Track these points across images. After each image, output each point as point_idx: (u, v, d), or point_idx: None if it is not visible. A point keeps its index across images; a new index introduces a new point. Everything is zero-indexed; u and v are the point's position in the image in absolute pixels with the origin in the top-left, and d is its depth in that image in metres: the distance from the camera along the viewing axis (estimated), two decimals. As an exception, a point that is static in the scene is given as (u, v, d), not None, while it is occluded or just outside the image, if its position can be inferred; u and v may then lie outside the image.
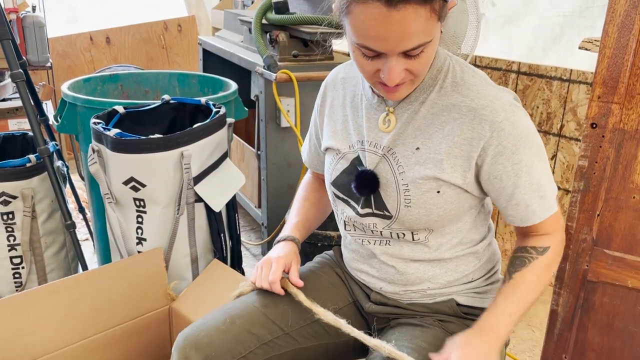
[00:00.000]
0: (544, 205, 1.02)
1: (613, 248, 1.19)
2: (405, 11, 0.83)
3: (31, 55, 2.83)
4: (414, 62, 0.91)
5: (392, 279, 1.12)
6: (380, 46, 0.88)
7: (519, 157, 0.98)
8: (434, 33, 0.89)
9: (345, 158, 1.12)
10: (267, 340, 1.10)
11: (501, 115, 0.96)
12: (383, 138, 1.06)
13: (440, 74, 1.02)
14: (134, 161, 1.49)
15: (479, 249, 1.12)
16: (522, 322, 2.12)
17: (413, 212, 1.03)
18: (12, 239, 1.76)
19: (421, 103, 1.02)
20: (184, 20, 3.99)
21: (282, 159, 2.34)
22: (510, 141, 0.97)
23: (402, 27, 0.85)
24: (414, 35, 0.86)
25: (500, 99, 0.98)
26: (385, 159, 1.05)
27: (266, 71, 2.16)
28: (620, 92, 1.11)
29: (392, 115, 1.05)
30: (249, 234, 2.78)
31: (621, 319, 1.20)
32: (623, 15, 1.07)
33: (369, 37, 0.88)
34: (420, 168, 1.01)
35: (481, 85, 1.00)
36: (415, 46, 0.88)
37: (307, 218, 1.26)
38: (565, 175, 2.23)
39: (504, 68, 2.35)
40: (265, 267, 1.14)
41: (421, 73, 0.95)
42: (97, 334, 1.46)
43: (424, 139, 1.02)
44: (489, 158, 0.98)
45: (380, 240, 1.11)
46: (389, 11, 0.83)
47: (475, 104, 0.98)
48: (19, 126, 2.78)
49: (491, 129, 0.96)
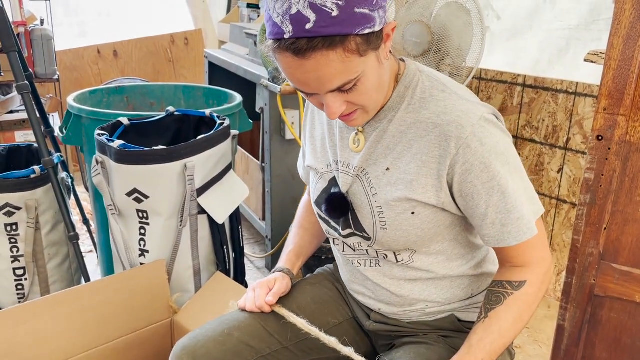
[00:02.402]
0: (521, 227, 0.95)
1: (620, 262, 1.17)
2: (315, 59, 0.82)
3: (39, 68, 2.85)
4: (352, 95, 0.89)
5: (388, 300, 1.10)
6: (307, 89, 0.89)
7: (490, 176, 0.92)
8: (361, 68, 0.86)
9: (324, 178, 1.10)
10: (264, 353, 1.09)
11: (467, 131, 0.91)
12: (354, 158, 1.04)
13: (408, 90, 0.98)
14: (138, 172, 1.49)
15: (474, 264, 1.09)
16: (528, 337, 2.09)
17: (390, 234, 1.00)
18: (15, 250, 1.76)
19: (389, 121, 0.99)
20: (190, 34, 4.02)
21: (286, 172, 2.34)
22: (478, 159, 0.91)
23: (317, 73, 0.84)
24: (331, 78, 0.85)
25: (469, 114, 0.93)
26: (358, 180, 1.03)
27: (271, 84, 2.16)
28: (627, 104, 1.10)
29: (361, 135, 1.02)
30: (253, 247, 2.77)
31: (629, 335, 1.18)
32: (628, 27, 1.07)
33: (294, 82, 0.89)
34: (392, 189, 0.99)
35: (449, 100, 0.95)
36: (339, 86, 0.86)
37: (301, 246, 1.25)
38: (572, 189, 2.21)
39: (509, 81, 2.34)
40: (249, 292, 1.15)
41: (365, 103, 0.92)
42: (99, 346, 1.45)
43: (393, 159, 0.99)
44: (457, 176, 0.93)
45: (370, 260, 1.09)
46: (299, 60, 0.83)
47: (441, 120, 0.94)
48: (26, 138, 2.79)
49: (457, 146, 0.92)
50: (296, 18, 0.80)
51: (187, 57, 4.04)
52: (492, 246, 0.99)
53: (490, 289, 1.01)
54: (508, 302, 0.97)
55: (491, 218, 0.95)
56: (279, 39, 0.83)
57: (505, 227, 0.95)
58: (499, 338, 0.96)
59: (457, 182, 0.94)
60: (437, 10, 1.78)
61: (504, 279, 1.00)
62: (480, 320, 0.98)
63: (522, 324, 0.98)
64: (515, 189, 0.94)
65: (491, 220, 0.95)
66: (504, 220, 0.95)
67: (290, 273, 1.20)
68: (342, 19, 0.80)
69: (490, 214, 0.95)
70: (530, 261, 0.99)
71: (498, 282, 1.01)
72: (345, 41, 0.82)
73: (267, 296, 1.12)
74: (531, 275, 0.99)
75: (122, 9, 4.03)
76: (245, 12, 3.36)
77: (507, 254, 1.00)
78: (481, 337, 0.96)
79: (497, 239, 0.97)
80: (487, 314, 0.98)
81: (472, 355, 0.95)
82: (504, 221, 0.95)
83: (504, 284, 0.99)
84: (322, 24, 0.80)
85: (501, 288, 0.99)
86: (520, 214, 0.95)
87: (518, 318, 0.97)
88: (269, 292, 1.13)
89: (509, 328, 0.97)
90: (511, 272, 1.00)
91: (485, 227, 0.97)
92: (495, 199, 0.93)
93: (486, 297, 1.01)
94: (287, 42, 0.82)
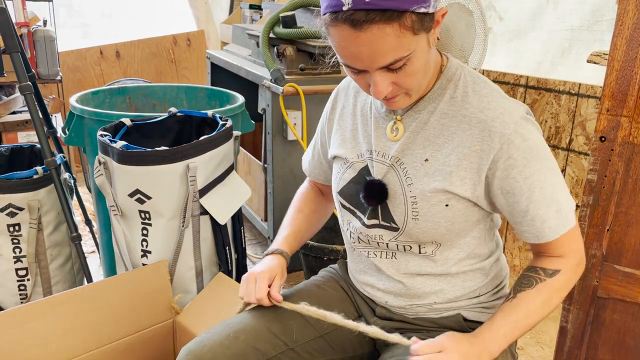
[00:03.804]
0: (560, 219, 0.98)
1: (623, 264, 1.17)
2: (370, 31, 0.83)
3: (41, 69, 2.85)
4: (400, 75, 0.91)
5: (398, 292, 1.10)
6: (358, 64, 0.90)
7: (531, 171, 0.95)
8: (413, 46, 0.87)
9: (353, 167, 1.10)
10: (271, 355, 1.09)
11: (511, 128, 0.94)
12: (391, 147, 1.05)
13: (450, 83, 1.01)
14: (140, 173, 1.49)
15: (487, 264, 1.10)
16: (531, 339, 2.09)
17: (421, 225, 1.01)
18: (17, 251, 1.76)
19: (430, 112, 1.01)
20: (193, 35, 4.02)
21: (288, 172, 2.34)
22: (521, 154, 0.95)
23: (371, 47, 0.85)
24: (385, 53, 0.86)
25: (511, 111, 0.96)
26: (393, 170, 1.04)
27: (273, 85, 2.17)
28: (630, 105, 1.09)
29: (399, 124, 1.04)
30: (255, 247, 2.77)
31: (632, 337, 1.18)
32: (631, 28, 1.06)
33: (346, 56, 0.90)
34: (429, 180, 1.00)
35: (492, 97, 0.98)
36: (390, 62, 0.88)
37: (300, 230, 1.25)
38: (574, 190, 2.20)
39: (512, 82, 2.34)
40: (251, 282, 1.13)
41: (411, 85, 0.94)
42: (101, 347, 1.45)
43: (432, 150, 1.00)
44: (500, 172, 0.96)
45: (387, 253, 1.09)
46: (356, 32, 0.84)
47: (485, 116, 0.96)
48: (29, 139, 2.79)
49: (501, 142, 0.95)
50: None
51: (190, 58, 4.05)
52: (531, 242, 1.02)
53: (523, 273, 1.03)
54: (539, 287, 1.00)
55: (532, 214, 0.98)
56: (336, 10, 0.84)
57: (546, 222, 0.98)
58: (524, 318, 0.98)
59: (498, 178, 0.96)
60: (439, 11, 1.77)
61: (538, 265, 1.03)
62: (507, 300, 1.00)
63: (549, 308, 1.00)
64: (554, 183, 0.97)
65: (532, 216, 0.98)
66: (544, 216, 0.98)
67: (288, 257, 1.19)
68: None
69: (531, 209, 0.97)
70: (565, 253, 1.02)
71: (532, 267, 1.03)
72: (401, 17, 0.83)
73: (273, 291, 1.10)
74: (565, 265, 1.01)
75: (124, 10, 4.04)
76: (248, 13, 3.37)
77: (544, 248, 1.02)
78: (507, 313, 0.98)
79: (536, 235, 1.00)
80: (516, 294, 1.00)
81: (495, 327, 0.97)
82: (544, 216, 0.98)
83: (538, 270, 1.02)
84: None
85: (534, 273, 1.02)
86: (559, 207, 0.98)
87: (546, 302, 0.99)
88: (269, 284, 1.12)
89: (535, 310, 0.98)
90: (547, 261, 1.03)
91: (525, 224, 1.00)
92: (536, 194, 0.96)
93: (517, 280, 1.03)
94: (345, 13, 0.83)
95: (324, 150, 1.23)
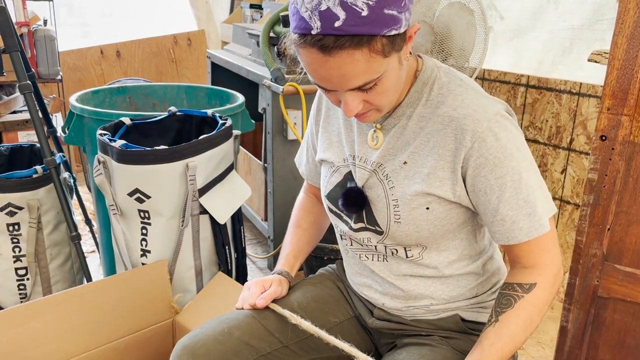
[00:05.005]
0: (532, 223, 0.95)
1: (624, 263, 1.16)
2: (340, 57, 0.83)
3: (42, 68, 2.85)
4: (370, 94, 0.90)
5: (394, 294, 1.10)
6: (328, 85, 0.89)
7: (503, 171, 0.93)
8: (383, 68, 0.87)
9: (339, 172, 1.10)
10: (265, 352, 1.09)
11: (483, 125, 0.92)
12: (372, 154, 1.04)
13: (426, 86, 0.99)
14: (139, 172, 1.48)
15: (480, 264, 1.09)
16: (531, 339, 2.08)
17: (403, 228, 1.01)
18: (17, 250, 1.76)
19: (408, 117, 1.00)
20: (193, 35, 4.02)
21: (288, 172, 2.34)
22: (492, 153, 0.92)
23: (341, 71, 0.85)
24: (354, 77, 0.86)
25: (486, 109, 0.94)
26: (375, 174, 1.04)
27: (273, 84, 2.16)
28: (630, 104, 1.09)
29: (379, 132, 1.03)
30: (255, 247, 2.77)
31: (633, 337, 1.18)
32: (632, 26, 1.06)
33: (316, 77, 0.90)
34: (409, 182, 0.99)
35: (466, 95, 0.96)
36: (360, 85, 0.87)
37: (299, 247, 1.25)
38: (575, 189, 2.20)
39: (512, 81, 2.33)
40: (244, 291, 1.16)
41: (382, 103, 0.93)
42: (101, 346, 1.45)
43: (410, 153, 1.00)
44: (471, 170, 0.94)
45: (377, 256, 1.09)
46: (324, 57, 0.83)
47: (458, 114, 0.95)
48: (29, 138, 2.79)
49: (472, 139, 0.93)
50: (325, 14, 0.80)
51: (190, 58, 4.04)
52: (501, 243, 0.99)
53: (501, 292, 1.01)
54: (519, 305, 0.97)
55: (502, 214, 0.95)
56: (305, 33, 0.83)
57: (516, 223, 0.95)
58: (510, 342, 0.95)
59: (470, 176, 0.95)
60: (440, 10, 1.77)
61: (514, 281, 0.99)
62: (490, 324, 0.98)
63: (532, 327, 0.97)
64: (528, 185, 0.94)
65: (502, 216, 0.95)
66: (514, 217, 0.95)
67: (289, 276, 1.20)
68: (371, 19, 0.81)
69: (501, 209, 0.95)
70: (540, 262, 0.98)
71: (509, 284, 1.00)
72: (371, 41, 0.82)
73: (259, 299, 1.11)
74: (541, 277, 0.98)
75: (125, 9, 4.04)
76: (248, 12, 3.36)
77: (517, 253, 1.00)
78: (493, 341, 0.95)
79: (506, 235, 0.97)
80: (498, 318, 0.97)
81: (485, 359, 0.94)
82: (515, 217, 0.95)
83: (515, 287, 0.99)
84: (351, 23, 0.80)
85: (512, 291, 0.99)
86: (532, 210, 0.95)
87: (529, 322, 0.96)
88: (263, 291, 1.13)
89: (519, 332, 0.96)
90: (522, 274, 0.99)
91: (496, 224, 0.97)
92: (507, 194, 0.94)
93: (497, 300, 1.00)
94: (314, 37, 0.82)
95: (315, 152, 1.23)
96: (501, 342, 0.95)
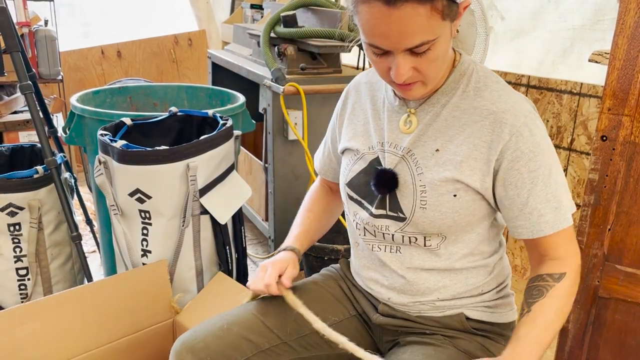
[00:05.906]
0: (558, 216, 0.99)
1: (625, 263, 1.16)
2: (404, 10, 0.85)
3: (42, 68, 2.85)
4: (421, 60, 0.92)
5: (401, 288, 1.10)
6: (385, 44, 0.90)
7: (536, 165, 0.97)
8: (439, 32, 0.89)
9: (364, 159, 1.11)
10: (264, 348, 1.09)
11: (521, 121, 0.97)
12: (403, 139, 1.06)
13: (463, 77, 1.03)
14: (140, 173, 1.49)
15: (490, 262, 1.10)
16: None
17: (428, 214, 1.02)
18: (18, 250, 1.76)
19: (443, 106, 1.03)
20: (194, 35, 4.02)
21: (289, 172, 2.34)
22: (528, 147, 0.96)
23: (402, 25, 0.86)
24: (414, 33, 0.88)
25: (521, 105, 0.99)
26: (404, 160, 1.05)
27: (274, 84, 2.16)
28: (631, 104, 1.09)
29: (413, 117, 1.05)
30: (256, 247, 2.77)
31: (634, 337, 1.18)
32: (633, 26, 1.06)
33: (374, 35, 0.90)
34: (440, 169, 1.01)
35: (504, 91, 1.01)
36: (417, 44, 0.89)
37: (310, 230, 1.26)
38: (576, 189, 2.20)
39: (513, 81, 2.33)
40: (262, 271, 1.14)
41: (430, 73, 0.95)
42: (101, 346, 1.45)
43: (443, 141, 1.02)
44: (506, 163, 0.97)
45: (391, 247, 1.09)
46: (388, 10, 0.85)
47: (497, 107, 0.98)
48: (30, 138, 2.79)
49: (510, 133, 0.96)
50: None
51: (191, 58, 4.05)
52: (525, 237, 1.01)
53: (530, 285, 1.02)
54: (550, 294, 0.99)
55: (530, 207, 0.98)
56: None
57: (543, 216, 0.98)
58: (544, 330, 0.97)
59: (503, 169, 0.98)
60: (440, 10, 1.77)
61: (543, 272, 1.01)
62: (524, 315, 0.99)
63: (564, 315, 1.00)
64: (556, 180, 0.99)
65: (530, 209, 0.98)
66: (542, 210, 0.98)
67: (299, 253, 1.20)
68: None
69: (531, 202, 0.98)
70: (567, 253, 1.02)
71: (538, 276, 1.02)
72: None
73: (284, 278, 1.11)
74: (568, 267, 1.01)
75: (125, 9, 4.04)
76: (249, 12, 3.36)
77: (544, 247, 1.02)
78: (528, 329, 0.97)
79: (531, 230, 1.00)
80: (530, 308, 0.99)
81: (521, 347, 0.95)
82: (543, 211, 0.98)
83: (545, 277, 1.01)
84: None
85: (542, 281, 1.01)
86: (558, 204, 0.98)
87: (560, 309, 0.98)
88: (280, 273, 1.13)
89: (554, 319, 0.98)
90: (549, 265, 1.02)
91: (521, 217, 1.00)
92: (538, 188, 0.97)
93: (527, 293, 1.02)
94: None
95: (334, 147, 1.25)
96: (536, 330, 0.96)
